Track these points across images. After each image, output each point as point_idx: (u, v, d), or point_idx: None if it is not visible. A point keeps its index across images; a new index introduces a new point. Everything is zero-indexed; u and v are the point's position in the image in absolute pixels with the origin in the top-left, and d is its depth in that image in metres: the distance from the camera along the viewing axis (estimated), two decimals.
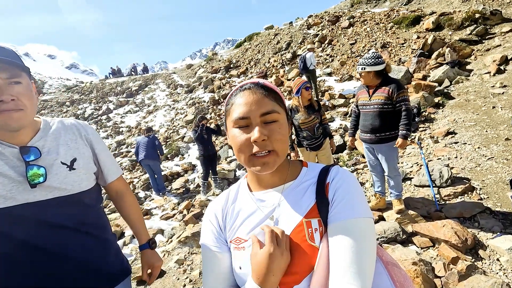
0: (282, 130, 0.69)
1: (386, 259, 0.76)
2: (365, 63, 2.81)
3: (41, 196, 0.92)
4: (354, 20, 12.24)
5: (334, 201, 0.69)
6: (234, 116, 0.70)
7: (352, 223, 0.64)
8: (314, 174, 0.76)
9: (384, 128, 2.88)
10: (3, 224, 0.87)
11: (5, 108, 0.86)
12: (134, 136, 12.40)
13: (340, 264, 0.61)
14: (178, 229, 4.44)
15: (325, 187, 0.72)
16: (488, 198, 3.09)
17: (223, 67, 16.00)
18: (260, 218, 0.74)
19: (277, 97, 0.73)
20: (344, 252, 0.61)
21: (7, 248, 0.89)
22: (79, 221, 1.00)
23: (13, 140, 0.92)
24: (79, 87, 23.30)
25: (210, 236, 0.79)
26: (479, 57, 7.35)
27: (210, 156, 5.96)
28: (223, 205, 0.82)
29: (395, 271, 0.73)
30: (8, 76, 0.87)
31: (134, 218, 1.26)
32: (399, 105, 2.79)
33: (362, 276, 0.59)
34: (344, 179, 0.72)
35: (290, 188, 0.75)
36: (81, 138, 1.07)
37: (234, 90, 0.75)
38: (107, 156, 1.16)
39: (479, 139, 4.32)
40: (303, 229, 0.68)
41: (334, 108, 7.89)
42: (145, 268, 1.24)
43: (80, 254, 0.98)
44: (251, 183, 0.80)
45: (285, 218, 0.71)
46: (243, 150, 0.68)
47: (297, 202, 0.72)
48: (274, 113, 0.69)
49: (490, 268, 2.24)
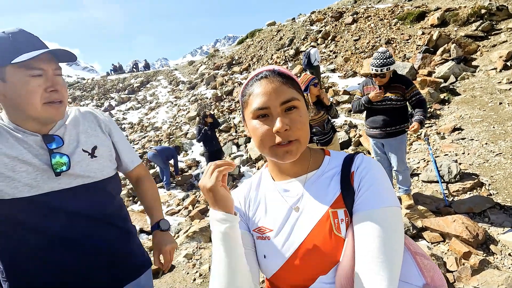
0: (303, 117, 0.68)
1: (415, 249, 0.75)
2: (387, 62, 2.74)
3: (65, 184, 0.91)
4: (357, 16, 12.15)
5: (360, 190, 0.67)
6: (253, 107, 0.67)
7: (378, 212, 0.63)
8: (338, 163, 0.74)
9: (394, 122, 2.91)
10: (29, 214, 0.87)
11: (55, 99, 0.87)
12: (136, 132, 12.40)
13: (366, 254, 0.60)
14: (184, 224, 4.45)
15: (350, 176, 0.70)
16: (498, 193, 3.08)
17: (225, 64, 15.94)
18: (285, 208, 0.72)
19: (294, 83, 0.71)
20: (370, 242, 0.60)
21: (34, 237, 0.88)
22: (103, 211, 1.00)
23: (36, 128, 0.91)
24: (81, 83, 23.26)
25: None
26: (485, 53, 7.29)
27: (215, 152, 5.96)
28: (245, 193, 0.81)
29: (424, 261, 0.72)
30: (56, 67, 0.88)
31: (150, 198, 1.22)
32: (415, 99, 2.83)
33: (390, 266, 0.58)
34: (369, 168, 0.70)
35: (314, 178, 0.73)
36: (99, 126, 1.07)
37: (249, 80, 0.72)
38: (125, 144, 1.15)
39: (487, 135, 4.30)
40: (329, 219, 0.67)
41: (338, 104, 7.86)
42: (155, 253, 1.14)
43: (105, 244, 0.98)
44: (272, 172, 0.79)
45: (310, 208, 0.70)
46: (265, 141, 0.66)
47: (322, 192, 0.71)
48: (294, 100, 0.67)
49: (502, 263, 2.23)
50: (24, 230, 0.87)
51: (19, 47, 0.83)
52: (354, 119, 6.86)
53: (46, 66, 0.85)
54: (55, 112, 0.88)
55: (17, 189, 0.84)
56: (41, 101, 0.85)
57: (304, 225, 0.69)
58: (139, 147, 10.49)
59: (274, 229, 0.71)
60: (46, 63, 0.85)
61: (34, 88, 0.84)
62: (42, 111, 0.86)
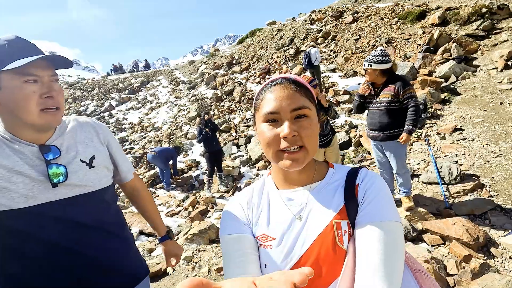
0: (312, 126, 0.68)
1: (414, 266, 0.75)
2: (371, 60, 2.83)
3: (62, 194, 0.91)
4: (358, 15, 12.11)
5: (364, 202, 0.67)
6: (264, 110, 0.69)
7: (381, 226, 0.63)
8: (342, 175, 0.75)
9: (391, 125, 2.87)
10: (26, 224, 0.86)
11: (51, 105, 0.87)
12: (137, 133, 12.40)
13: (367, 266, 0.59)
14: (184, 226, 4.44)
15: (355, 188, 0.70)
16: (499, 195, 3.06)
17: (225, 64, 15.92)
18: (289, 217, 0.71)
19: (308, 92, 0.72)
20: (372, 254, 0.60)
21: (31, 247, 0.88)
22: (100, 219, 1.00)
23: (33, 138, 0.90)
24: (81, 83, 23.26)
25: (234, 223, 0.75)
26: (486, 53, 7.26)
27: (215, 153, 5.95)
28: (248, 198, 0.80)
29: (423, 279, 0.72)
30: (52, 73, 0.88)
31: (151, 212, 1.29)
32: (406, 102, 2.78)
33: (390, 280, 0.57)
34: (373, 181, 0.71)
35: (318, 188, 0.73)
36: (97, 137, 1.07)
37: (264, 85, 0.74)
38: (122, 155, 1.16)
39: (487, 136, 4.27)
40: (333, 230, 0.66)
41: (338, 104, 7.84)
42: (168, 258, 1.32)
43: (103, 253, 0.98)
44: (276, 180, 0.78)
45: (314, 218, 0.69)
46: (271, 145, 0.67)
47: (326, 203, 0.70)
48: (305, 108, 0.68)
49: (503, 266, 2.22)
50: (20, 239, 0.87)
51: (14, 54, 0.83)
52: (355, 119, 6.84)
53: (41, 72, 0.85)
54: (51, 119, 0.88)
55: (14, 200, 0.84)
56: (37, 107, 0.85)
57: (307, 235, 0.68)
58: (139, 147, 10.49)
59: (276, 238, 0.70)
60: (42, 70, 0.85)
61: (29, 94, 0.83)
62: (38, 118, 0.85)
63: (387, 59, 2.80)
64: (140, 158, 9.15)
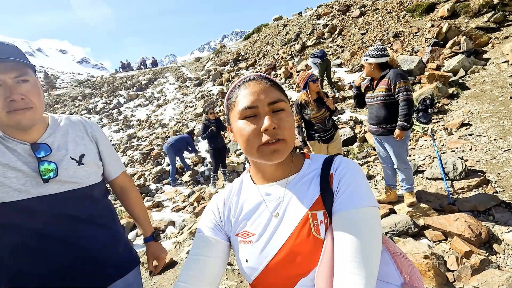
0: (289, 119, 0.70)
1: (393, 249, 0.76)
2: (368, 54, 2.89)
3: (53, 189, 0.96)
4: (365, 9, 11.91)
5: (338, 191, 0.68)
6: (240, 106, 0.69)
7: (356, 213, 0.64)
8: (318, 166, 0.76)
9: (389, 119, 2.86)
10: (18, 216, 0.91)
11: (17, 107, 0.89)
12: (144, 129, 12.56)
13: (344, 254, 0.61)
14: (188, 220, 4.51)
15: (329, 178, 0.71)
16: (504, 191, 3.01)
17: (231, 60, 15.91)
18: (266, 214, 0.74)
19: (280, 89, 0.74)
20: (348, 242, 0.61)
21: (23, 238, 0.93)
22: (90, 213, 1.04)
23: (24, 137, 0.96)
24: (90, 81, 23.64)
25: (208, 224, 0.81)
26: (497, 45, 7.05)
27: (220, 149, 5.99)
28: (225, 197, 0.82)
29: (402, 261, 0.73)
30: (16, 75, 0.89)
31: (138, 212, 1.31)
32: (397, 96, 2.76)
33: (367, 266, 0.59)
34: (347, 169, 0.71)
35: (294, 181, 0.74)
36: (87, 135, 1.12)
37: (236, 83, 0.75)
38: (110, 153, 1.20)
39: (495, 131, 4.18)
40: (309, 222, 0.68)
41: (344, 100, 7.77)
42: (150, 259, 1.31)
43: (92, 244, 1.02)
44: (254, 176, 0.80)
45: (290, 212, 0.71)
46: (252, 141, 0.67)
47: (301, 195, 0.72)
48: (282, 102, 0.69)
49: (504, 263, 2.20)
50: (11, 229, 0.92)
51: None
52: (360, 115, 6.78)
53: (2, 76, 0.87)
54: (20, 118, 0.89)
55: (7, 194, 0.89)
56: (3, 110, 0.88)
57: (283, 230, 0.70)
58: (147, 143, 10.63)
59: (256, 233, 0.73)
60: (2, 73, 0.87)
61: None
62: (7, 119, 0.89)
63: (384, 53, 2.83)
64: (147, 155, 9.27)
